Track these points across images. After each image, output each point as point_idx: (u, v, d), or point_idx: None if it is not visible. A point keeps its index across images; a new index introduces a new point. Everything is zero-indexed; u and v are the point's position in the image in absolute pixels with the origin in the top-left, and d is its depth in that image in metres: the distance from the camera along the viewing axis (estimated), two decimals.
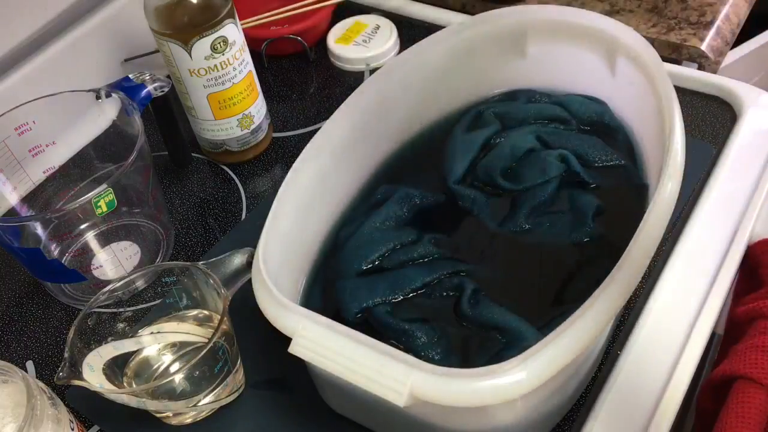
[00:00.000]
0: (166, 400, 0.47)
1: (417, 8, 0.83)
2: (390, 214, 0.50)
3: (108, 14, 0.75)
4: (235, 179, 0.68)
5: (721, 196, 0.60)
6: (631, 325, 0.53)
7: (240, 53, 0.62)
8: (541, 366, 0.35)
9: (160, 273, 0.50)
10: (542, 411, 0.44)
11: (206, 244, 0.63)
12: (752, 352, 0.50)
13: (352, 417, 0.48)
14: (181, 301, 0.51)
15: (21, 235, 0.55)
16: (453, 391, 0.35)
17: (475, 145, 0.53)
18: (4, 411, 0.41)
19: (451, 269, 0.46)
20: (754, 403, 0.47)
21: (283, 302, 0.40)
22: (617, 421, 0.48)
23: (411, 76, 0.54)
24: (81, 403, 0.53)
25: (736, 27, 0.74)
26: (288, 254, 0.46)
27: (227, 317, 0.47)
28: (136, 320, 0.51)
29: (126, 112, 0.57)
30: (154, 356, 0.51)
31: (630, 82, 0.50)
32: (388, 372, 0.36)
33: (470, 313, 0.43)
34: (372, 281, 0.46)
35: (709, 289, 0.54)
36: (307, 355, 0.38)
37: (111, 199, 0.52)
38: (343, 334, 0.38)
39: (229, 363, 0.48)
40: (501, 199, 0.51)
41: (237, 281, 0.49)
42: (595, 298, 0.36)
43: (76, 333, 0.46)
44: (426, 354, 0.42)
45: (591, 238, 0.47)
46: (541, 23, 0.54)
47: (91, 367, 0.46)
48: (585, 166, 0.51)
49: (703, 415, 0.56)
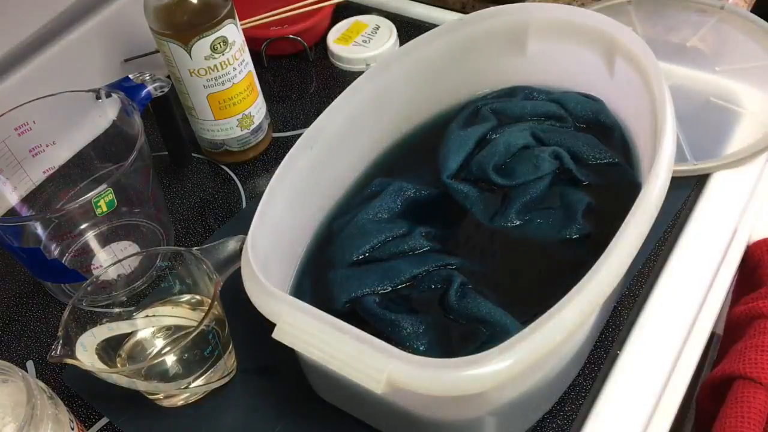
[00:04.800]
0: (156, 382, 0.47)
1: (417, 8, 0.83)
2: (383, 207, 0.50)
3: (108, 14, 0.75)
4: (235, 179, 0.68)
5: (721, 196, 0.60)
6: (631, 325, 0.53)
7: (240, 53, 0.62)
8: (516, 358, 0.35)
9: (154, 257, 0.50)
10: (523, 403, 0.44)
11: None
12: (752, 351, 0.50)
13: (338, 405, 0.49)
14: (176, 286, 0.52)
15: (21, 235, 0.55)
16: (428, 380, 0.35)
17: (471, 141, 0.53)
18: (4, 411, 0.41)
19: (440, 262, 0.47)
20: (754, 403, 0.47)
21: (269, 289, 0.41)
22: (617, 421, 0.48)
23: (409, 71, 0.55)
24: (77, 384, 0.54)
25: None
26: (279, 242, 0.47)
27: (218, 302, 0.47)
28: (131, 303, 0.52)
29: (126, 112, 0.57)
30: (148, 339, 0.52)
31: (627, 81, 0.51)
32: (367, 360, 0.37)
33: (456, 306, 0.44)
34: (362, 272, 0.47)
35: (709, 289, 0.54)
36: (290, 341, 0.39)
37: (111, 199, 0.52)
38: (326, 321, 0.39)
39: (219, 347, 0.49)
40: (493, 194, 0.51)
41: (230, 267, 0.50)
42: (574, 293, 0.37)
43: (71, 313, 0.46)
44: (411, 344, 0.43)
45: (580, 234, 0.47)
46: (541, 21, 0.55)
47: (84, 347, 0.47)
48: (579, 163, 0.51)
49: (703, 415, 0.56)
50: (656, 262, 0.56)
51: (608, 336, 0.52)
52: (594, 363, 0.51)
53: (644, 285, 0.55)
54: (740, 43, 0.70)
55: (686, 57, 0.70)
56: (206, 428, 0.50)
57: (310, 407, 0.50)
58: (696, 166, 0.61)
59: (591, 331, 0.48)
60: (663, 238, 0.57)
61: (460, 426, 0.44)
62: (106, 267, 0.51)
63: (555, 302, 0.37)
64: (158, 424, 0.51)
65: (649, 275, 0.55)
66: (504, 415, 0.44)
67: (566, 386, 0.50)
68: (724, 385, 0.51)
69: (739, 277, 0.58)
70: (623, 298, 0.54)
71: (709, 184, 0.61)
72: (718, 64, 0.69)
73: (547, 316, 0.36)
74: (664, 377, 0.50)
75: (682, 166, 0.61)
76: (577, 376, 0.50)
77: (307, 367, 0.47)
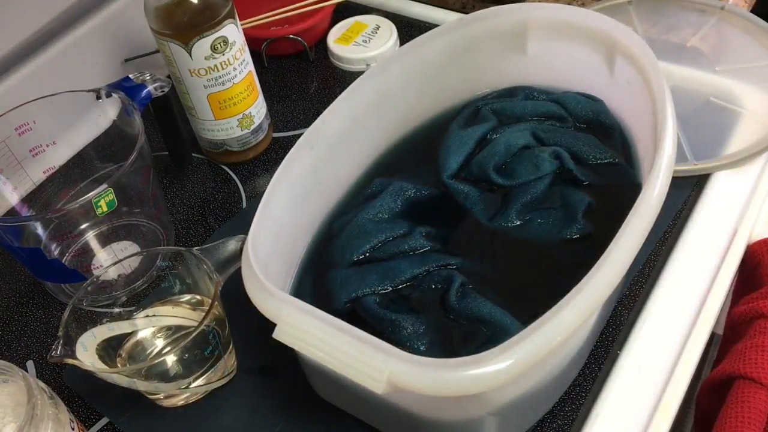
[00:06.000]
0: (156, 382, 0.47)
1: (417, 8, 0.83)
2: (384, 207, 0.50)
3: (108, 14, 0.75)
4: (235, 179, 0.68)
5: (721, 196, 0.60)
6: (631, 325, 0.53)
7: (240, 53, 0.62)
8: (516, 358, 0.35)
9: (155, 257, 0.50)
10: (524, 404, 0.44)
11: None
12: (752, 351, 0.50)
13: (338, 405, 0.49)
14: (176, 286, 0.52)
15: (21, 235, 0.55)
16: (429, 380, 0.35)
17: (471, 141, 0.53)
18: (5, 410, 0.41)
19: (441, 262, 0.47)
20: (754, 403, 0.47)
21: (269, 288, 0.41)
22: (617, 421, 0.48)
23: (409, 71, 0.55)
24: (78, 384, 0.54)
25: None
26: (279, 242, 0.47)
27: (218, 302, 0.47)
28: (131, 303, 0.52)
29: (126, 112, 0.57)
30: (149, 339, 0.52)
31: (627, 81, 0.51)
32: (367, 360, 0.37)
33: (457, 306, 0.44)
34: (363, 272, 0.47)
35: (709, 289, 0.54)
36: (290, 341, 0.39)
37: (111, 199, 0.52)
38: (326, 321, 0.39)
39: (220, 347, 0.49)
40: (494, 194, 0.51)
41: (230, 267, 0.50)
42: (574, 293, 0.37)
43: (71, 312, 0.46)
44: (411, 344, 0.43)
45: (580, 234, 0.47)
46: (541, 21, 0.55)
47: (84, 347, 0.47)
48: (579, 163, 0.51)
49: (703, 415, 0.56)
50: (656, 262, 0.56)
51: (608, 336, 0.52)
52: (594, 363, 0.51)
53: (644, 285, 0.55)
54: (740, 43, 0.70)
55: (686, 57, 0.70)
56: (206, 428, 0.50)
57: (310, 407, 0.50)
58: (696, 166, 0.61)
59: (591, 331, 0.48)
60: (663, 238, 0.57)
61: (460, 426, 0.44)
62: (107, 267, 0.51)
63: (555, 302, 0.37)
64: (158, 424, 0.51)
65: (649, 275, 0.55)
66: (504, 415, 0.44)
67: (566, 386, 0.50)
68: (724, 385, 0.51)
69: (739, 277, 0.58)
70: (623, 298, 0.54)
71: (709, 184, 0.61)
72: (718, 64, 0.69)
73: (547, 316, 0.36)
74: (664, 377, 0.50)
75: (683, 166, 0.61)
76: (577, 377, 0.50)
77: (307, 367, 0.47)
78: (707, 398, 0.54)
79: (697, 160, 0.62)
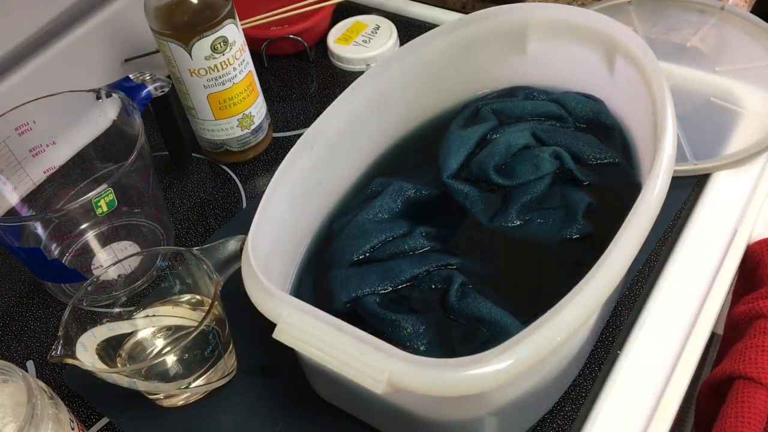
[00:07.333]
0: (156, 382, 0.47)
1: (417, 8, 0.83)
2: (384, 207, 0.50)
3: (108, 14, 0.75)
4: (235, 179, 0.68)
5: (721, 196, 0.60)
6: (631, 325, 0.53)
7: (240, 53, 0.62)
8: (516, 358, 0.35)
9: (155, 257, 0.50)
10: (523, 404, 0.44)
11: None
12: (752, 351, 0.50)
13: (338, 405, 0.49)
14: (176, 286, 0.52)
15: (21, 235, 0.55)
16: (429, 380, 0.35)
17: (471, 141, 0.53)
18: (5, 410, 0.41)
19: (441, 262, 0.47)
20: (754, 403, 0.47)
21: (269, 288, 0.41)
22: (617, 421, 0.48)
23: (409, 71, 0.55)
24: (78, 384, 0.54)
25: None
26: (280, 242, 0.47)
27: (218, 302, 0.47)
28: (131, 303, 0.52)
29: (126, 112, 0.57)
30: (149, 339, 0.52)
31: (627, 81, 0.51)
32: (367, 360, 0.37)
33: (457, 306, 0.44)
34: (363, 272, 0.47)
35: (709, 289, 0.54)
36: (290, 341, 0.39)
37: (111, 199, 0.52)
38: (326, 321, 0.39)
39: (220, 347, 0.49)
40: (494, 194, 0.51)
41: (230, 267, 0.50)
42: (574, 293, 0.37)
43: (71, 312, 0.46)
44: (411, 344, 0.43)
45: (581, 234, 0.47)
46: (541, 21, 0.55)
47: (84, 347, 0.47)
48: (579, 163, 0.51)
49: (703, 415, 0.56)
50: (656, 262, 0.56)
51: (608, 336, 0.52)
52: (594, 363, 0.51)
53: (644, 285, 0.55)
54: (740, 43, 0.70)
55: (686, 57, 0.70)
56: (206, 428, 0.50)
57: (310, 407, 0.50)
58: (696, 166, 0.61)
59: (591, 331, 0.48)
60: (663, 238, 0.57)
61: (460, 426, 0.44)
62: (107, 267, 0.51)
63: (555, 302, 0.36)
64: (158, 424, 0.51)
65: (649, 275, 0.55)
66: (504, 416, 0.44)
67: (566, 386, 0.50)
68: (724, 385, 0.51)
69: (739, 277, 0.58)
70: (623, 298, 0.54)
71: (709, 184, 0.61)
72: (718, 64, 0.69)
73: (547, 316, 0.36)
74: (664, 377, 0.50)
75: (683, 166, 0.61)
76: (577, 377, 0.50)
77: (307, 367, 0.47)
78: (707, 398, 0.54)
79: (697, 160, 0.62)
